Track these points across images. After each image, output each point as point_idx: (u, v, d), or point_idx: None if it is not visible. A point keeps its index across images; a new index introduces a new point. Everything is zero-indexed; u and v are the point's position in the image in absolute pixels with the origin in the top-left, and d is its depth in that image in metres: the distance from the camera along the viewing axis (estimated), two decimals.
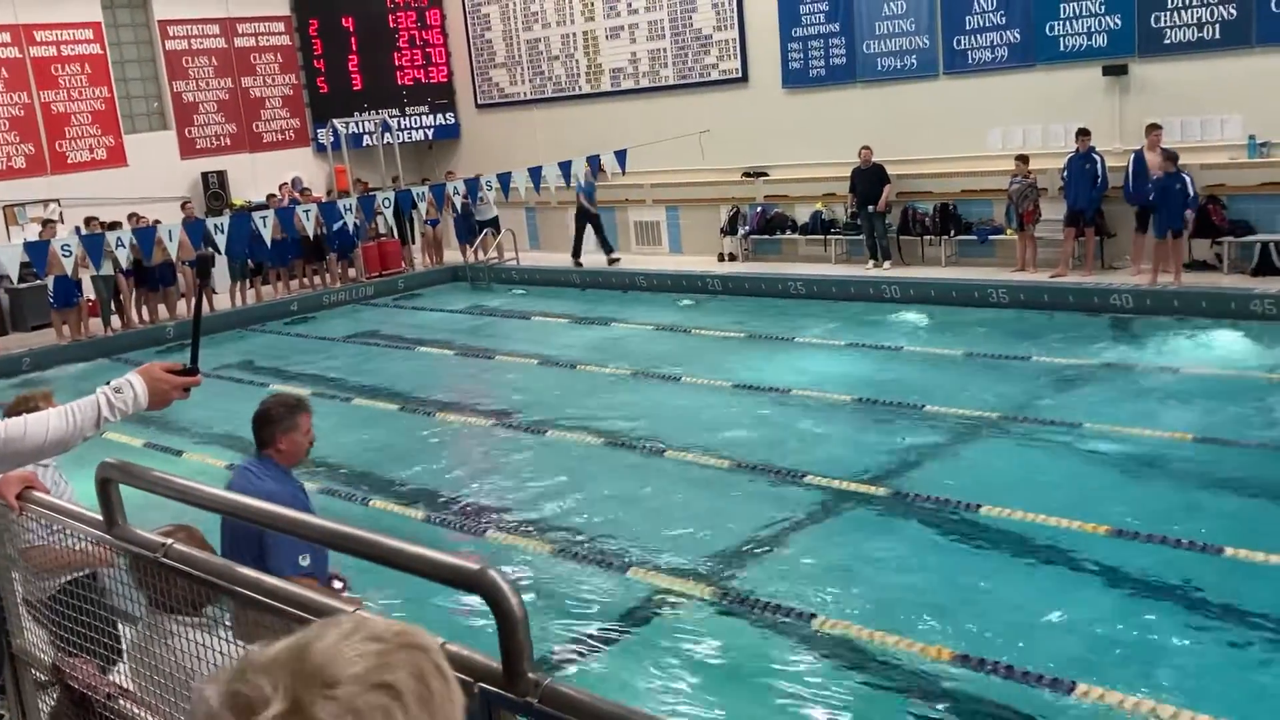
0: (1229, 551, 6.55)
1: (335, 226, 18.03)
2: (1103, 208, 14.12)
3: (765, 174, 17.66)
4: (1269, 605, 5.95)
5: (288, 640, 1.03)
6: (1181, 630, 5.88)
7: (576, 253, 18.60)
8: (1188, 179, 12.78)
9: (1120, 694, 5.23)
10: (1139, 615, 6.06)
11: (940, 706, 5.38)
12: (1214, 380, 10.17)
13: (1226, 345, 11.47)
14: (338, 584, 4.44)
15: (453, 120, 22.45)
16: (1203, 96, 13.62)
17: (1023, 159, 14.34)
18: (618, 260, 18.28)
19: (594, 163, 17.01)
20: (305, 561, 4.26)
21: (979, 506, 7.50)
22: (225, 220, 16.34)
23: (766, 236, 17.49)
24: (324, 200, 18.75)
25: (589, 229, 18.50)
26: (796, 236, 17.22)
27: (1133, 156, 13.58)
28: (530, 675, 1.94)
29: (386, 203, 17.48)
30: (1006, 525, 7.24)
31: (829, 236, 16.73)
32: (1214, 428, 8.73)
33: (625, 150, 16.81)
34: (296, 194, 19.27)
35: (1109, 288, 13.27)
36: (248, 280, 17.88)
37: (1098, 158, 13.84)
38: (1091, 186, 13.87)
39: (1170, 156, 12.86)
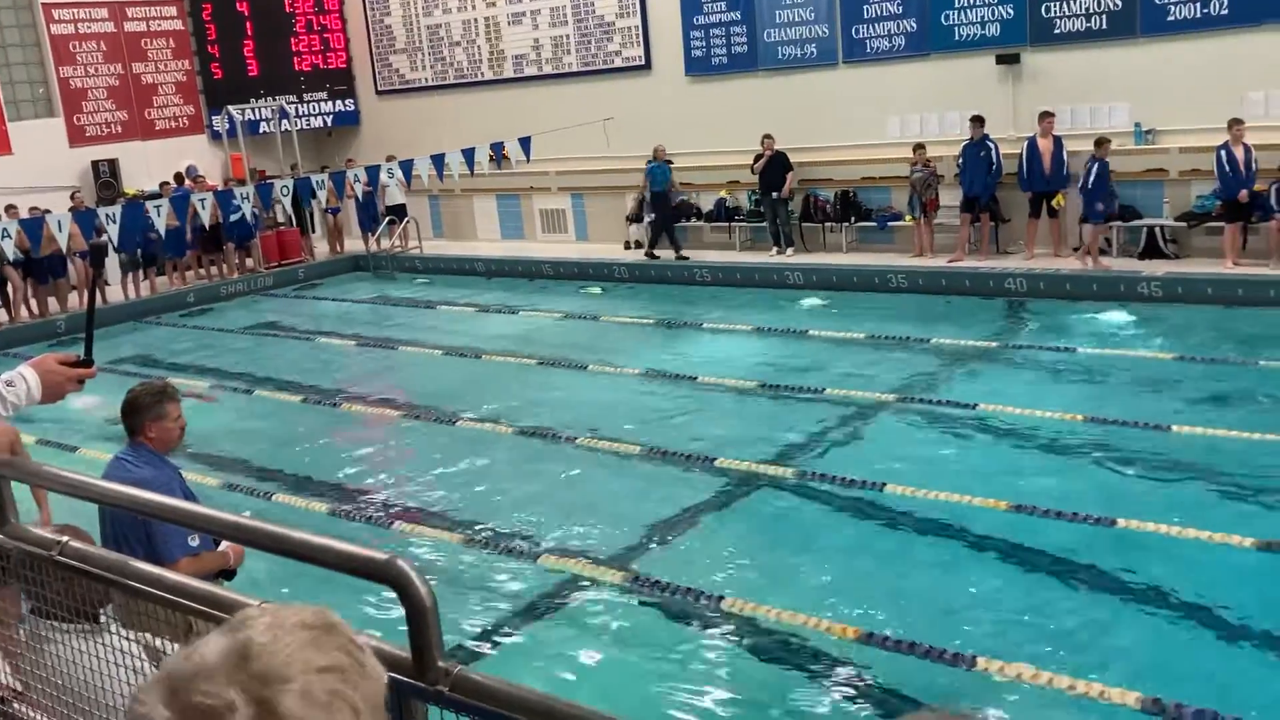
0: (1121, 523, 6.79)
1: (233, 216, 17.63)
2: (997, 194, 14.47)
3: (670, 161, 17.70)
4: (1159, 575, 6.18)
5: (217, 645, 1.03)
6: (1078, 602, 6.07)
7: (655, 244, 17.10)
8: (1106, 163, 13.15)
9: (1020, 666, 5.38)
10: (1037, 588, 6.24)
11: (846, 684, 5.48)
12: (1104, 360, 10.50)
13: (1116, 326, 11.85)
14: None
15: (353, 107, 22.10)
16: (1092, 85, 14.02)
17: (920, 147, 14.62)
18: (685, 258, 16.56)
19: (497, 149, 16.89)
20: (195, 541, 4.22)
21: (883, 485, 7.65)
22: (118, 210, 15.87)
23: (673, 224, 17.54)
24: (220, 189, 18.31)
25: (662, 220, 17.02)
26: (701, 224, 17.33)
27: (1026, 144, 13.93)
28: (440, 664, 1.94)
29: (285, 191, 17.15)
30: (910, 504, 7.40)
31: (733, 224, 16.87)
32: (1104, 407, 9.02)
33: (529, 137, 16.73)
34: (191, 182, 18.80)
35: (1004, 272, 13.61)
36: (141, 271, 17.40)
37: (992, 145, 14.18)
38: (986, 173, 14.20)
39: (1101, 142, 13.16)
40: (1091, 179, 13.12)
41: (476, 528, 7.67)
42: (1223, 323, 11.41)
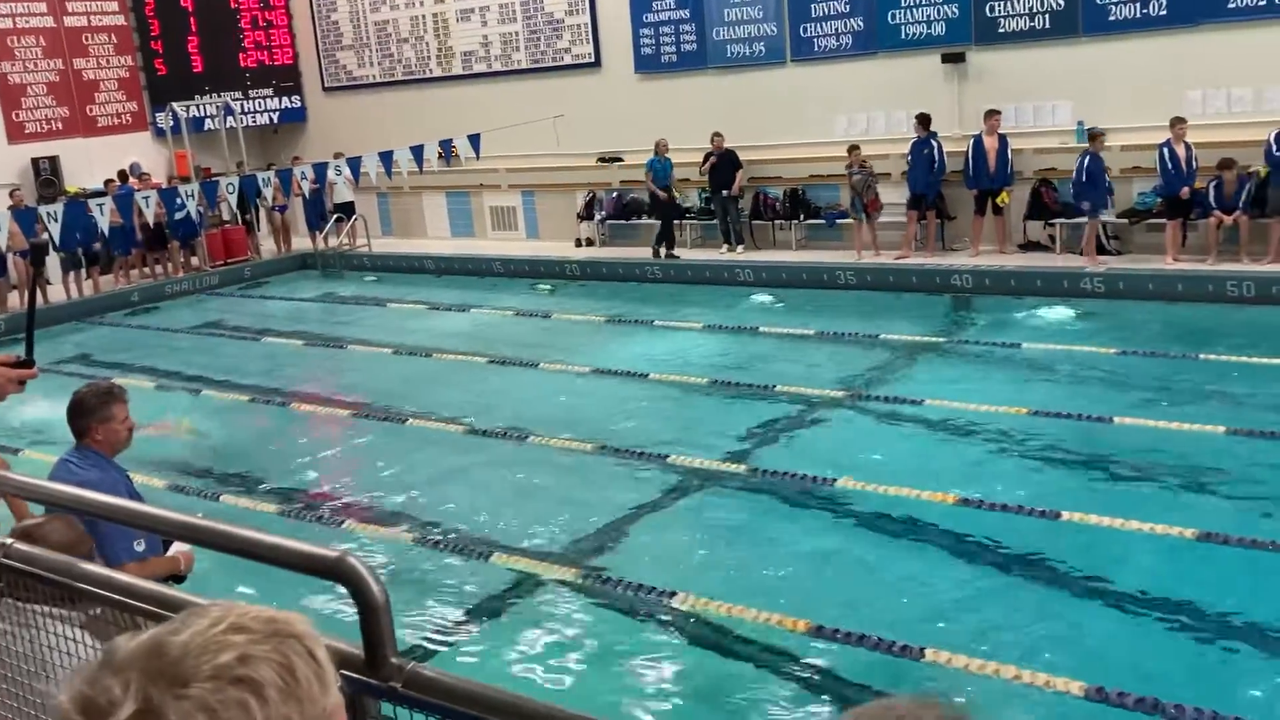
0: (1065, 515, 6.91)
1: (178, 214, 17.38)
2: (943, 192, 14.63)
3: (620, 159, 17.74)
4: (1102, 566, 6.30)
5: (147, 635, 1.00)
6: (1023, 593, 6.17)
7: (660, 241, 16.39)
8: (1102, 160, 13.23)
9: (966, 657, 5.46)
10: (984, 581, 6.33)
11: (797, 677, 5.53)
12: (1049, 355, 10.66)
13: (1060, 322, 12.04)
14: None
15: (299, 103, 21.89)
16: (1035, 84, 14.22)
17: (855, 149, 14.72)
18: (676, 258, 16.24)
19: (446, 147, 16.80)
20: (141, 546, 4.17)
21: (834, 481, 7.73)
22: (59, 208, 15.60)
23: (623, 221, 17.60)
24: (165, 187, 18.05)
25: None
26: (652, 221, 17.34)
27: (972, 142, 14.10)
28: (393, 660, 1.94)
29: (231, 189, 16.95)
30: (859, 498, 7.48)
31: (683, 221, 16.91)
32: (1048, 401, 9.16)
33: (479, 135, 16.66)
34: (136, 180, 18.53)
35: (950, 268, 13.77)
36: (83, 270, 17.12)
37: (936, 143, 14.33)
38: (930, 171, 14.35)
39: (1095, 136, 13.27)
40: (1083, 175, 13.20)
41: (427, 527, 7.65)
42: (1164, 317, 11.63)
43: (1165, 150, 12.79)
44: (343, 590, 1.97)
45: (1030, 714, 5.08)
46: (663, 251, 16.13)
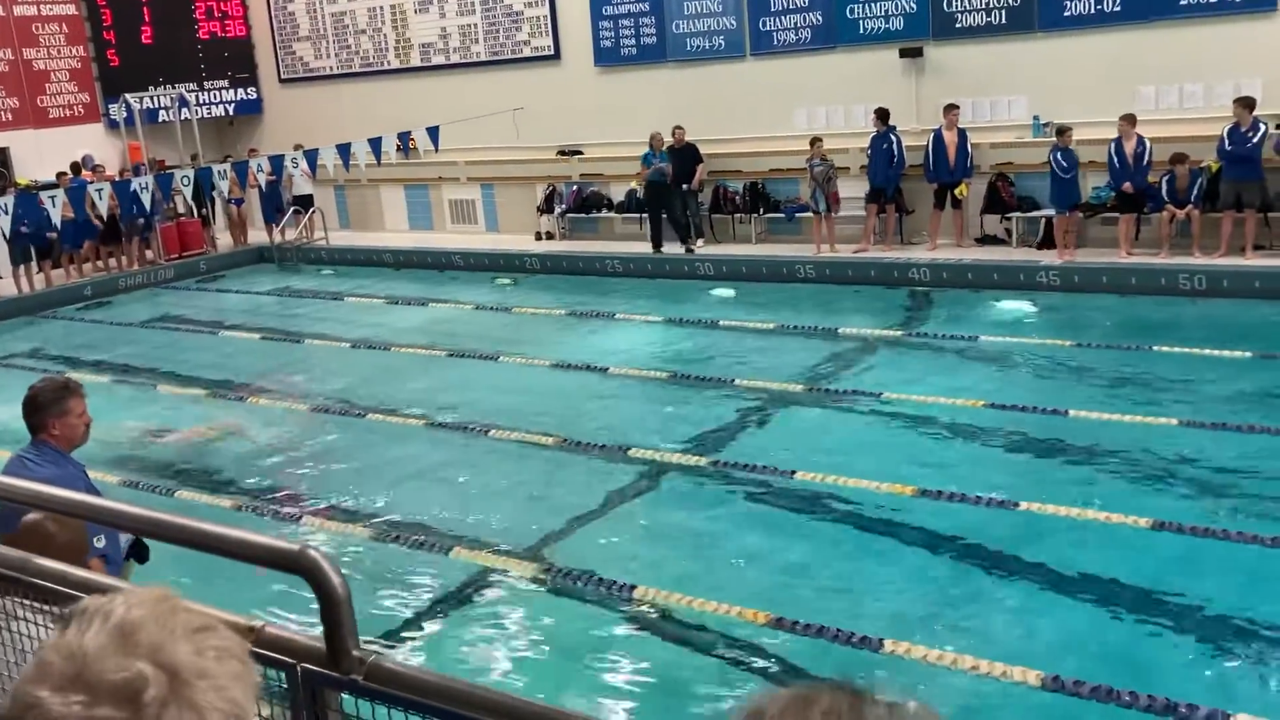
0: (1023, 506, 6.99)
1: (132, 207, 17.14)
2: (902, 186, 14.73)
3: (580, 152, 17.71)
4: (1059, 556, 6.37)
5: (90, 634, 1.03)
6: (980, 583, 6.24)
7: (658, 240, 15.92)
8: (1075, 154, 13.27)
9: (925, 648, 5.51)
10: (942, 571, 6.39)
11: (757, 669, 5.56)
12: (1005, 348, 10.77)
13: (1016, 315, 12.16)
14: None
15: (255, 95, 21.66)
16: (992, 78, 14.34)
17: (817, 140, 14.78)
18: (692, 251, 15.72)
19: (405, 139, 16.70)
20: (100, 543, 4.13)
21: (793, 473, 7.76)
22: (9, 200, 15.34)
23: (583, 215, 17.57)
24: (118, 179, 17.80)
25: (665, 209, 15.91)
26: (612, 215, 17.35)
27: (931, 136, 14.19)
28: (355, 653, 1.93)
29: (186, 181, 16.75)
30: (819, 490, 7.52)
31: (644, 215, 16.89)
32: (1006, 393, 9.25)
33: (437, 127, 16.58)
34: (89, 172, 18.26)
35: (908, 262, 13.87)
36: (34, 264, 16.85)
37: (895, 138, 14.42)
38: (889, 165, 14.44)
39: (1062, 131, 13.36)
40: (1057, 170, 13.31)
41: (386, 522, 7.60)
42: (1118, 310, 11.78)
43: (1113, 146, 12.96)
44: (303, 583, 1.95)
45: (988, 704, 5.13)
46: (683, 246, 15.60)
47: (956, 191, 14.10)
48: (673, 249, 15.66)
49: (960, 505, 7.10)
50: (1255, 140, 12.24)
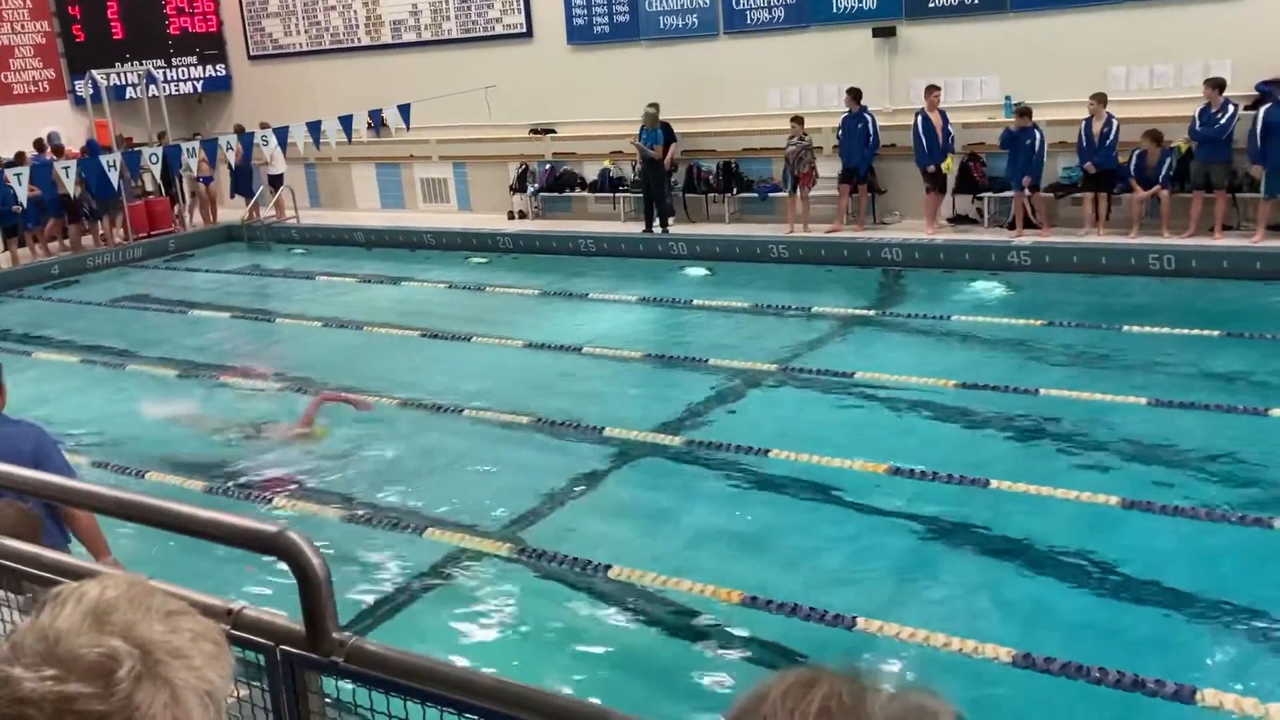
0: (994, 484, 7.05)
1: (100, 185, 16.94)
2: (875, 166, 14.75)
3: (553, 131, 17.64)
4: (1030, 534, 6.43)
5: (63, 614, 1.03)
6: (952, 561, 6.28)
7: (649, 220, 15.71)
8: (1038, 133, 13.38)
9: (898, 625, 5.55)
10: (914, 549, 6.43)
11: (731, 648, 5.59)
12: (977, 327, 10.83)
13: (988, 295, 12.23)
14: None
15: (224, 72, 21.43)
16: (964, 58, 14.37)
17: (798, 119, 14.78)
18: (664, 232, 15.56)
19: (376, 117, 16.58)
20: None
21: (767, 452, 7.79)
22: None
23: (556, 194, 17.52)
24: (85, 157, 17.58)
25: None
26: (585, 194, 17.30)
27: (919, 119, 14.06)
28: (335, 635, 1.93)
29: (154, 159, 16.57)
30: (792, 469, 7.56)
31: (617, 194, 16.87)
32: (977, 372, 9.31)
33: (409, 105, 16.47)
34: (54, 151, 18.01)
35: (881, 242, 13.91)
36: (1, 242, 16.64)
37: (869, 117, 14.43)
38: (864, 145, 14.45)
39: (1023, 111, 13.43)
40: (1020, 150, 13.38)
41: (360, 502, 7.58)
42: (1088, 290, 11.86)
43: (1082, 126, 13.05)
44: (282, 565, 1.95)
45: (960, 681, 5.18)
46: (656, 227, 15.55)
47: (943, 167, 14.01)
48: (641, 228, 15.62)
49: (932, 483, 7.15)
50: (1224, 121, 12.33)
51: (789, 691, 0.85)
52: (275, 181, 18.87)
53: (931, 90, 14.00)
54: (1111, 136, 12.94)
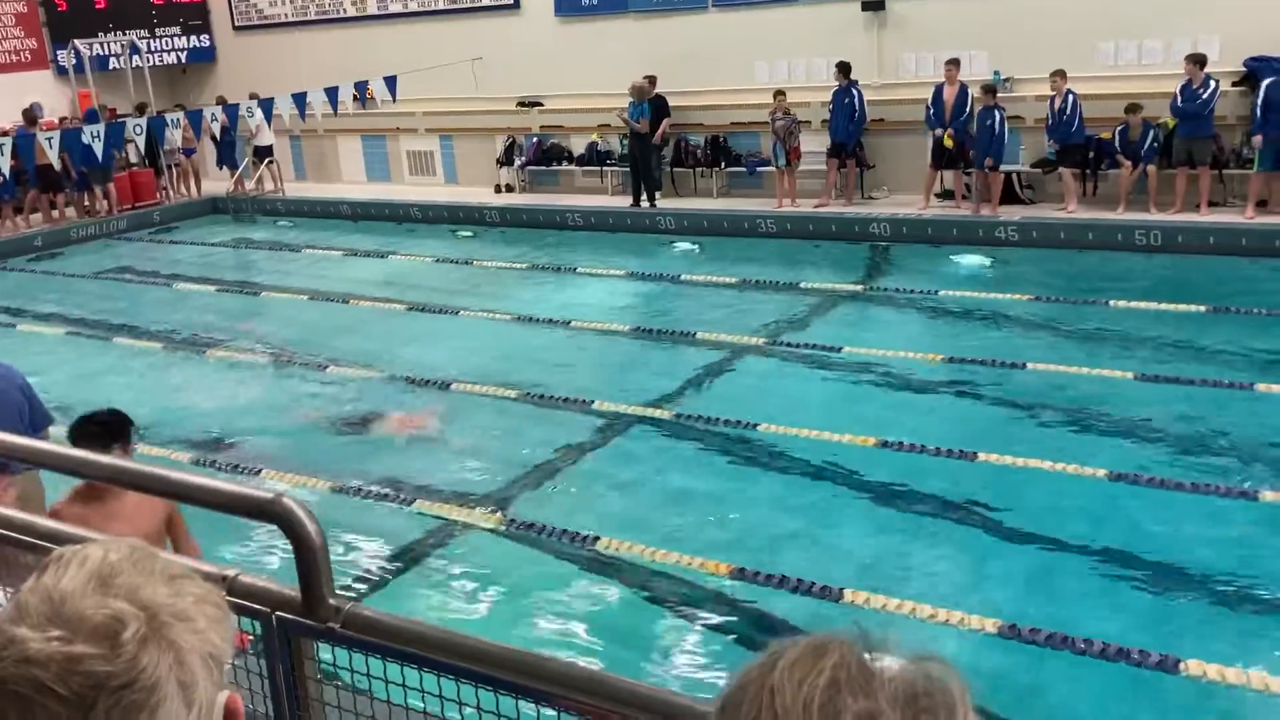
0: (982, 457, 7.08)
1: (83, 156, 16.78)
2: (863, 140, 14.72)
3: (540, 104, 17.54)
4: (1018, 506, 6.47)
5: (68, 576, 1.03)
6: (940, 533, 6.31)
7: (637, 195, 15.62)
8: (998, 113, 13.36)
9: (885, 597, 5.59)
10: (901, 521, 6.46)
11: (719, 619, 5.62)
12: (964, 302, 10.85)
13: (975, 270, 12.25)
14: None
15: (208, 43, 21.23)
16: (952, 33, 14.30)
17: (780, 94, 14.71)
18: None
19: (361, 89, 16.46)
20: None
21: (755, 425, 7.81)
22: None
23: (543, 167, 17.44)
24: (69, 128, 17.42)
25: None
26: (573, 168, 17.23)
27: (932, 91, 14.00)
28: (331, 601, 1.93)
29: (138, 130, 16.43)
30: (781, 442, 7.57)
31: (605, 168, 16.81)
32: (965, 347, 9.34)
33: (395, 77, 16.36)
34: (32, 123, 17.82)
35: (869, 217, 13.90)
36: None
37: (856, 92, 14.39)
38: (850, 120, 14.41)
39: (988, 89, 13.41)
40: (982, 129, 13.37)
41: (347, 474, 7.57)
42: (1075, 265, 11.89)
43: (1049, 103, 13.09)
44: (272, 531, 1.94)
45: (946, 651, 5.21)
46: (644, 202, 15.46)
47: (944, 142, 13.91)
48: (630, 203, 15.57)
49: (920, 456, 7.18)
50: (1205, 97, 12.35)
51: (798, 661, 0.84)
52: (262, 154, 18.72)
53: (950, 64, 13.82)
54: (1069, 112, 12.98)
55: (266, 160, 18.71)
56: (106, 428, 4.13)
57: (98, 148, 15.94)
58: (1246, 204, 12.40)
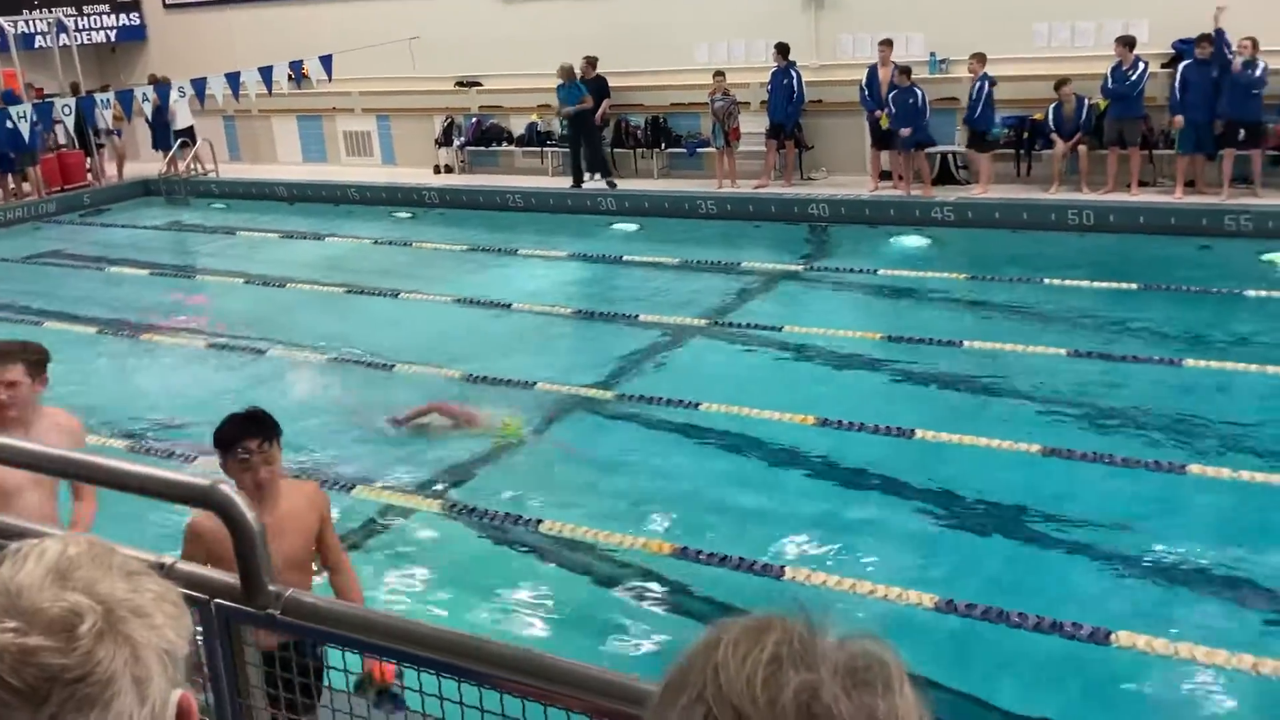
0: (919, 434, 7.19)
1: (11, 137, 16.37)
2: (801, 121, 14.79)
3: (479, 84, 17.41)
4: (954, 482, 6.58)
5: (25, 569, 1.02)
6: (879, 510, 6.40)
7: (578, 176, 15.53)
8: (920, 92, 13.51)
9: (824, 574, 5.66)
10: (843, 499, 6.55)
11: (663, 598, 5.66)
12: (902, 281, 10.97)
13: (911, 250, 12.39)
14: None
15: (138, 21, 20.78)
16: (890, 15, 14.40)
17: (719, 74, 14.73)
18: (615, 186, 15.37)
19: (297, 68, 16.21)
20: None
21: (697, 405, 7.85)
22: None
23: (482, 148, 17.32)
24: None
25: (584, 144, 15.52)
26: (513, 148, 17.13)
27: (866, 71, 14.09)
28: (271, 588, 1.93)
29: (67, 110, 16.06)
30: (723, 421, 7.63)
31: (545, 149, 16.74)
32: (902, 325, 9.46)
33: (330, 56, 16.13)
34: None
35: (808, 198, 13.99)
36: None
37: (795, 73, 14.45)
38: (789, 101, 14.46)
39: (904, 71, 13.52)
40: (901, 107, 13.49)
41: (286, 459, 7.48)
42: (1010, 245, 12.06)
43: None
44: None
45: (885, 628, 5.30)
46: (586, 179, 15.43)
47: (880, 123, 13.99)
48: (593, 185, 15.48)
49: (859, 434, 7.27)
50: (1134, 78, 12.57)
51: (740, 638, 0.86)
52: (182, 136, 18.23)
53: (883, 45, 13.92)
54: (975, 96, 13.15)
55: (180, 142, 18.22)
56: (270, 422, 3.91)
57: (24, 129, 15.58)
58: (1175, 184, 12.65)
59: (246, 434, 3.76)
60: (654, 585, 5.76)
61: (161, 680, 1.01)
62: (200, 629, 2.00)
